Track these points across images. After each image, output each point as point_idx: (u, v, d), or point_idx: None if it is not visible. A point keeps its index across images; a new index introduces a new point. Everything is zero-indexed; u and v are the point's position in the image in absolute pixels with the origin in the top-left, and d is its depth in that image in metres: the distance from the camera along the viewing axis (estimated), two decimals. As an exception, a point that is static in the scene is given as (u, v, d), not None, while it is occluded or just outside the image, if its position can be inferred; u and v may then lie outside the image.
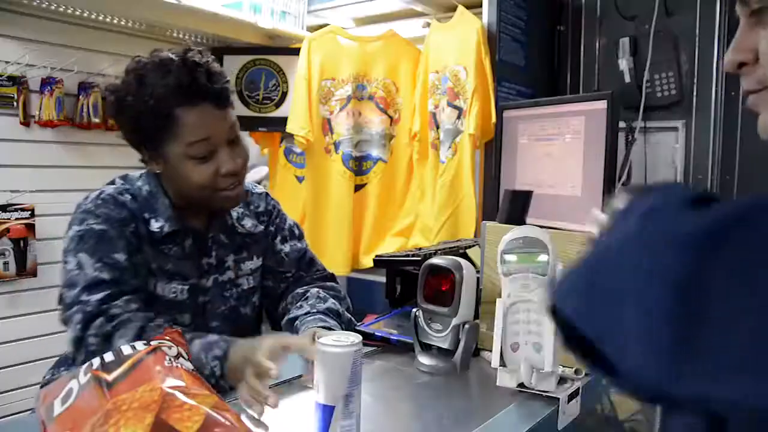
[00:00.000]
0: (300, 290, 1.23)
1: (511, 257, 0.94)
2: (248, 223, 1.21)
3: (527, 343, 0.93)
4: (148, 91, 1.00)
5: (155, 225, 1.07)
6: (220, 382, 0.90)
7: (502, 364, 0.95)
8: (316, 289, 1.21)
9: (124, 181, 1.12)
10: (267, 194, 1.29)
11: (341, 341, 0.76)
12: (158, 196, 1.09)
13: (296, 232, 1.29)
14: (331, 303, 1.18)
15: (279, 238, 1.26)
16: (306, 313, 1.13)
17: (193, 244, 1.12)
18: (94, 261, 0.99)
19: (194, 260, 1.12)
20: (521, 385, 0.93)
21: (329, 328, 1.08)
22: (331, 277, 1.30)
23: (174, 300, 1.09)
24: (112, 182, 1.12)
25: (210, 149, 1.04)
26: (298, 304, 1.18)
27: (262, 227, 1.23)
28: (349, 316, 1.23)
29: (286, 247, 1.25)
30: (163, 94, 1.00)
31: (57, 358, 1.22)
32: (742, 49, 0.51)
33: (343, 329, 1.15)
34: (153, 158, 1.07)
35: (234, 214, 1.18)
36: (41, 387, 1.14)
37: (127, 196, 1.08)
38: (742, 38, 0.51)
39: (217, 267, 1.15)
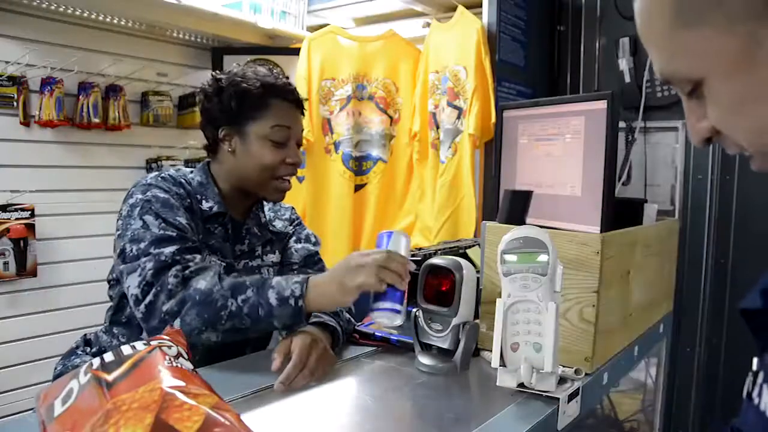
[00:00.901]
0: None
1: (511, 257, 0.94)
2: (279, 224, 1.37)
3: (527, 343, 0.93)
4: (256, 78, 1.21)
5: (206, 204, 1.21)
6: (299, 302, 1.00)
7: (502, 364, 0.95)
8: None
9: (177, 171, 1.24)
10: (293, 208, 1.45)
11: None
12: (209, 186, 1.23)
13: (312, 239, 1.41)
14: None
15: (294, 238, 1.39)
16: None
17: (232, 230, 1.25)
18: (160, 222, 1.09)
19: (231, 244, 1.25)
20: (521, 385, 0.93)
21: (324, 324, 1.13)
22: None
23: None
24: (165, 171, 1.24)
25: (286, 138, 1.21)
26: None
27: (287, 231, 1.38)
28: (348, 316, 1.23)
29: (299, 245, 1.37)
30: (269, 83, 1.21)
31: (61, 355, 1.26)
32: (698, 129, 0.49)
33: (341, 327, 1.17)
34: (229, 136, 1.22)
35: (268, 215, 1.35)
36: (53, 379, 1.24)
37: (183, 180, 1.21)
38: (691, 117, 0.50)
39: (248, 254, 1.28)
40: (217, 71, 1.27)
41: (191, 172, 1.27)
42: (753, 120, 0.44)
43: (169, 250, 1.05)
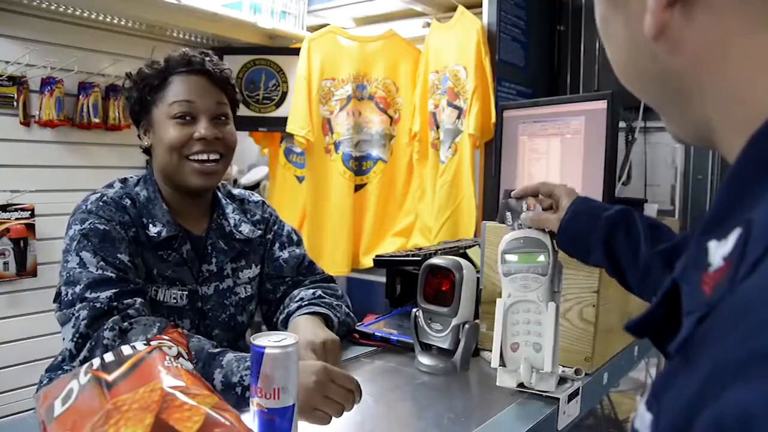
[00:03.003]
0: (296, 292, 1.23)
1: (511, 257, 0.94)
2: (246, 229, 1.20)
3: (527, 343, 0.93)
4: (157, 63, 1.11)
5: (153, 230, 1.07)
6: (246, 393, 0.84)
7: (502, 364, 0.95)
8: (312, 289, 1.22)
9: (123, 185, 1.13)
10: (264, 202, 1.30)
11: (280, 340, 0.73)
12: (156, 202, 1.10)
13: (294, 238, 1.30)
14: (321, 293, 1.20)
15: (277, 245, 1.26)
16: (298, 308, 1.15)
17: (191, 250, 1.12)
18: (98, 260, 0.98)
19: (193, 266, 1.12)
20: (521, 385, 0.93)
21: (319, 314, 1.12)
22: (330, 279, 1.31)
23: (174, 306, 1.09)
24: (111, 185, 1.12)
25: (190, 111, 1.08)
26: (296, 303, 1.19)
27: (259, 233, 1.24)
28: (347, 309, 1.23)
29: (285, 254, 1.26)
30: (168, 61, 1.10)
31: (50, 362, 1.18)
32: None
33: (337, 318, 1.16)
34: (146, 130, 1.12)
35: (232, 220, 1.19)
36: (36, 391, 1.09)
37: (127, 201, 1.08)
38: None
39: (217, 274, 1.15)
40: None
41: (138, 182, 1.14)
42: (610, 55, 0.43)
43: (105, 294, 0.95)
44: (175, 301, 1.09)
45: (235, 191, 1.28)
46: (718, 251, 0.31)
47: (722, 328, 0.28)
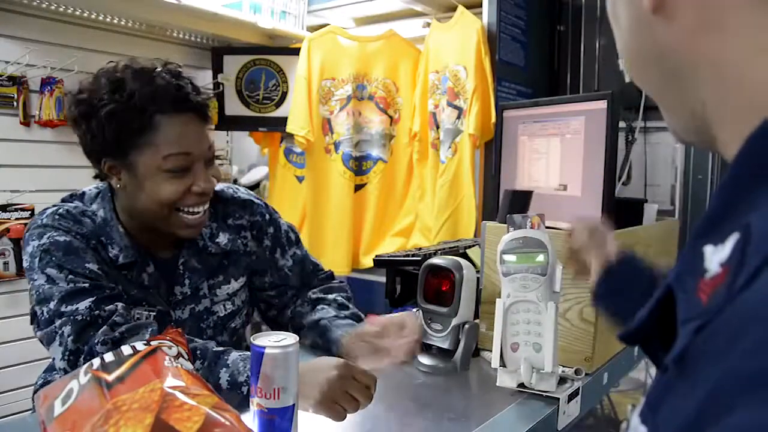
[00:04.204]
0: (313, 295, 1.19)
1: (510, 257, 0.94)
2: (223, 239, 1.09)
3: (527, 343, 0.93)
4: (129, 92, 0.92)
5: (111, 252, 0.99)
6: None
7: (502, 364, 0.95)
8: (334, 295, 1.19)
9: (80, 200, 1.04)
10: (252, 202, 1.17)
11: (280, 340, 0.73)
12: (112, 224, 1.00)
13: (292, 237, 1.22)
14: (354, 309, 1.18)
15: (279, 251, 1.18)
16: (335, 317, 1.12)
17: (155, 273, 1.03)
18: (66, 274, 0.91)
19: (161, 289, 1.04)
20: (521, 385, 0.93)
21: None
22: (331, 276, 1.29)
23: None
24: (66, 200, 1.05)
25: (187, 165, 0.96)
26: (320, 307, 1.15)
27: (244, 241, 1.13)
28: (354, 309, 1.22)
29: (288, 261, 1.19)
30: (146, 95, 0.92)
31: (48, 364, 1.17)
32: None
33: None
34: (115, 170, 0.97)
35: (207, 230, 1.08)
36: (34, 392, 1.10)
37: (86, 219, 1.00)
38: None
39: (192, 296, 1.06)
40: (81, 81, 0.97)
41: (96, 199, 1.03)
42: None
43: (83, 305, 0.89)
44: (139, 319, 0.99)
45: (219, 186, 1.13)
46: (715, 257, 0.30)
47: (722, 342, 0.27)
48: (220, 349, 0.92)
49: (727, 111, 0.34)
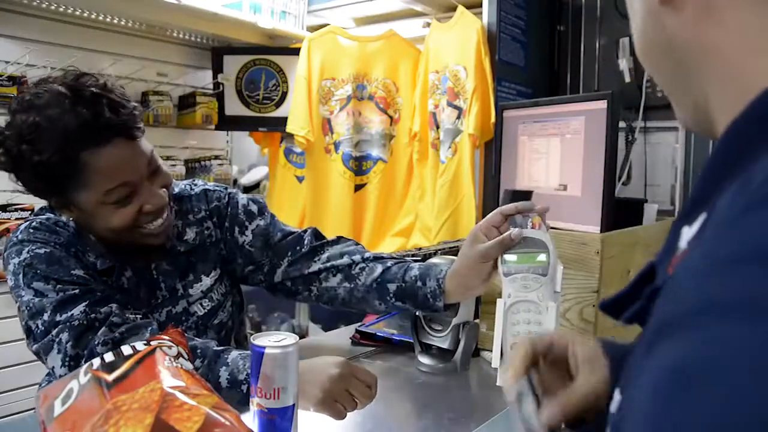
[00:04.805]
0: (343, 260, 1.09)
1: (511, 257, 0.94)
2: (190, 234, 1.09)
3: (527, 343, 0.93)
4: (45, 138, 0.86)
5: (90, 259, 0.98)
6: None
7: (503, 364, 0.95)
8: (358, 254, 1.11)
9: (52, 214, 1.01)
10: (207, 191, 1.14)
11: (280, 340, 0.73)
12: (84, 233, 0.99)
13: (253, 209, 1.15)
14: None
15: (237, 229, 1.12)
16: (412, 272, 1.05)
17: (134, 277, 1.02)
18: (53, 285, 0.90)
19: (140, 293, 1.03)
20: (521, 385, 0.93)
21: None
22: (318, 233, 1.17)
23: None
24: (40, 213, 1.03)
25: (130, 191, 0.93)
26: (359, 270, 1.08)
27: (208, 232, 1.11)
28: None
29: (248, 236, 1.12)
30: (63, 139, 0.86)
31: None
32: None
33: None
34: (62, 207, 0.96)
35: (172, 232, 1.06)
36: (38, 390, 1.09)
37: (60, 229, 0.98)
38: None
39: (171, 299, 1.05)
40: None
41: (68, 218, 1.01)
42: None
43: (78, 310, 0.88)
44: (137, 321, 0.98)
45: (176, 189, 1.11)
46: (686, 236, 0.33)
47: (660, 301, 0.31)
48: (221, 348, 0.92)
49: (724, 104, 0.35)
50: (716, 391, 0.22)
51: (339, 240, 1.15)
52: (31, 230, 0.96)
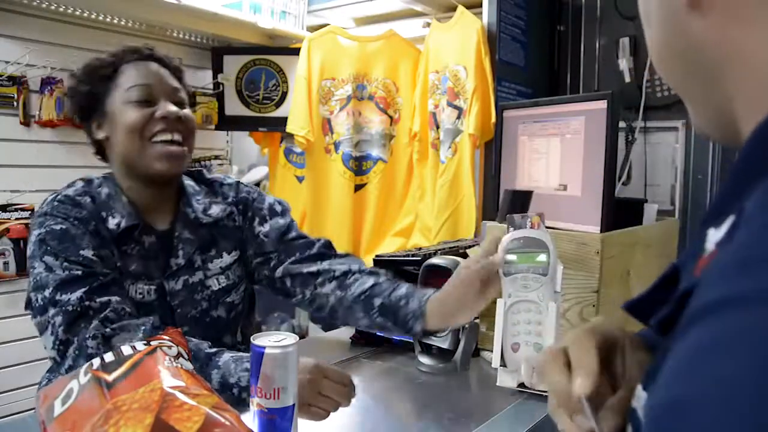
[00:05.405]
0: (342, 267, 1.12)
1: (511, 257, 0.94)
2: (215, 210, 1.14)
3: (528, 343, 0.93)
4: (104, 57, 1.08)
5: (112, 222, 1.03)
6: (242, 394, 0.86)
7: (503, 364, 0.95)
8: (357, 265, 1.14)
9: (86, 185, 1.08)
10: (239, 183, 1.22)
11: (280, 340, 0.73)
12: (117, 197, 1.06)
13: (278, 208, 1.20)
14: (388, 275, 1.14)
15: (257, 220, 1.18)
16: (399, 291, 1.05)
17: (156, 243, 1.08)
18: (61, 261, 0.95)
19: (159, 260, 1.07)
20: (521, 385, 0.93)
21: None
22: (330, 244, 1.22)
23: (142, 301, 1.04)
24: (72, 184, 1.09)
25: (149, 94, 1.04)
26: (353, 280, 1.09)
27: (233, 216, 1.17)
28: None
29: (266, 227, 1.17)
30: (111, 53, 1.07)
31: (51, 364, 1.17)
32: None
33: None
34: (99, 125, 1.08)
35: (201, 206, 1.12)
36: (37, 392, 1.10)
37: (87, 198, 1.04)
38: None
39: (186, 268, 1.09)
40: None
41: (101, 183, 1.09)
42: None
43: (75, 296, 0.92)
44: (141, 296, 1.04)
45: (209, 175, 1.21)
46: (713, 238, 0.33)
47: (692, 301, 0.30)
48: (213, 350, 0.93)
49: (752, 105, 0.35)
50: (740, 361, 0.23)
51: (347, 255, 1.19)
52: (56, 203, 1.02)
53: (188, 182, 1.15)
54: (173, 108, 1.05)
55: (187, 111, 1.09)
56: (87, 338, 0.89)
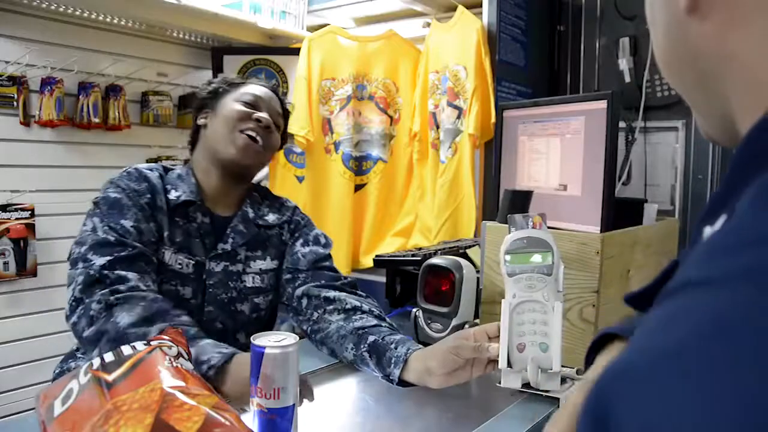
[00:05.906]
0: (355, 303, 1.13)
1: (514, 257, 0.94)
2: (271, 217, 1.25)
3: (533, 343, 0.92)
4: (238, 76, 1.31)
5: (174, 194, 1.14)
6: (209, 372, 0.87)
7: (509, 365, 0.95)
8: (369, 306, 1.13)
9: (163, 170, 1.20)
10: (297, 208, 1.33)
11: (280, 340, 0.73)
12: (187, 178, 1.18)
13: (322, 240, 1.27)
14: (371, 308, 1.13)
15: (300, 241, 1.25)
16: (395, 336, 1.03)
17: (210, 225, 1.17)
18: (104, 225, 1.05)
19: (206, 242, 1.15)
20: (525, 385, 0.93)
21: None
22: (354, 285, 1.23)
23: (179, 271, 1.12)
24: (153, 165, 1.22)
25: (256, 103, 1.21)
26: (359, 316, 1.09)
27: (282, 231, 1.26)
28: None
29: (305, 249, 1.23)
30: (248, 76, 1.22)
31: (62, 356, 1.23)
32: None
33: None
34: (206, 114, 1.23)
35: (260, 211, 1.24)
36: (52, 381, 1.17)
37: (155, 173, 1.16)
38: None
39: (230, 255, 1.17)
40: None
41: (174, 169, 1.23)
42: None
43: (100, 261, 1.00)
44: (180, 266, 1.12)
45: (275, 194, 1.34)
46: (707, 236, 0.34)
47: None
48: (199, 335, 0.95)
49: (747, 108, 0.36)
50: (676, 335, 0.26)
51: (367, 296, 1.18)
52: (125, 174, 1.14)
53: (256, 192, 1.28)
54: (265, 118, 1.19)
55: (276, 134, 1.25)
56: (93, 301, 0.96)
